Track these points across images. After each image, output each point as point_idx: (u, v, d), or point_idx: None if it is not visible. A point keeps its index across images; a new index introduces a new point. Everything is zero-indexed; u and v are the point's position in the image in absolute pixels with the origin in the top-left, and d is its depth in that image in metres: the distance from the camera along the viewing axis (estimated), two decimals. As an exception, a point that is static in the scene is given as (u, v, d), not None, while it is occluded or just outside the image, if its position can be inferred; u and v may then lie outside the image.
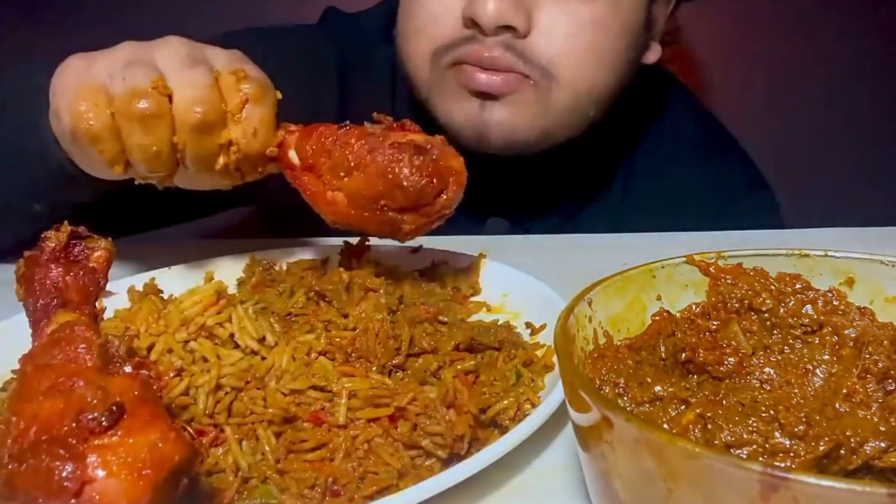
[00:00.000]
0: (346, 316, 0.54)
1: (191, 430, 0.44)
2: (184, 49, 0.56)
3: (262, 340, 0.50)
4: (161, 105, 0.52)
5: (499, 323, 0.57)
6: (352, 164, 0.53)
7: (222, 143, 0.55)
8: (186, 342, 0.50)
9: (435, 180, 0.52)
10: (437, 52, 0.81)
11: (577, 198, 0.98)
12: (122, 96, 0.52)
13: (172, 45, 0.56)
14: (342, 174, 0.54)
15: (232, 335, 0.50)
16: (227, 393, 0.46)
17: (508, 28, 0.77)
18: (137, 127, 0.52)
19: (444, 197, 0.53)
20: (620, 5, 0.81)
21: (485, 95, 0.81)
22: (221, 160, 0.56)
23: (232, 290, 0.63)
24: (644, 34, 0.86)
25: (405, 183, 0.52)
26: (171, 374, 0.46)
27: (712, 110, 1.10)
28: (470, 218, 0.98)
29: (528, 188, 0.95)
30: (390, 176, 0.52)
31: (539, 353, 0.53)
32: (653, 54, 0.92)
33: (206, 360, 0.48)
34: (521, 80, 0.80)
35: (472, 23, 0.77)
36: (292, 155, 0.57)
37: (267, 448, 0.43)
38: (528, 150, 0.85)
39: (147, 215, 0.87)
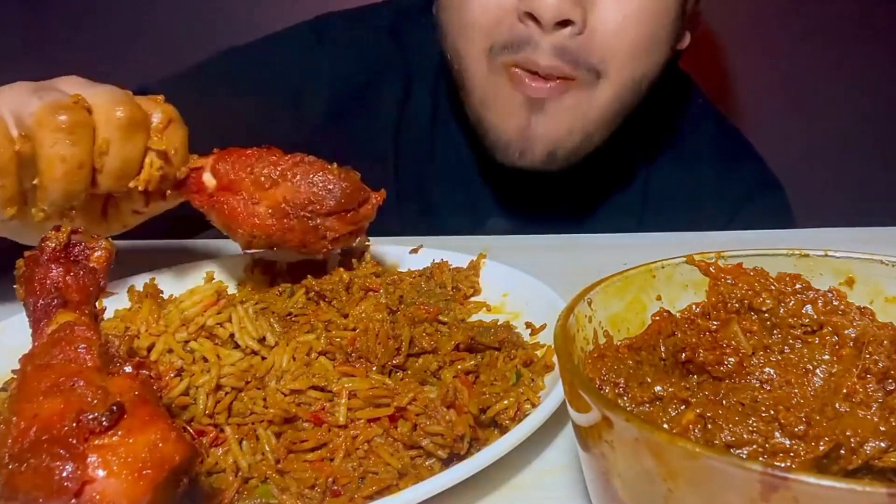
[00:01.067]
0: (346, 316, 0.54)
1: (191, 430, 0.44)
2: (84, 79, 0.56)
3: (262, 340, 0.50)
4: (84, 114, 0.52)
5: (499, 323, 0.57)
6: (277, 175, 0.55)
7: (142, 159, 0.56)
8: (186, 342, 0.50)
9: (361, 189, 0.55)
10: (493, 49, 0.79)
11: (593, 200, 0.98)
12: (42, 111, 0.51)
13: (73, 77, 0.57)
14: (267, 186, 0.56)
15: (232, 335, 0.50)
16: (227, 393, 0.46)
17: (566, 23, 0.75)
18: (62, 138, 0.51)
19: (368, 205, 0.56)
20: None
21: (533, 103, 0.80)
22: (143, 175, 0.56)
23: (232, 290, 0.63)
24: (680, 21, 0.86)
25: (333, 187, 0.54)
26: (172, 374, 0.46)
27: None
28: (470, 218, 0.98)
29: (539, 190, 0.95)
30: (320, 181, 0.55)
31: (539, 353, 0.53)
32: (685, 41, 0.92)
33: (206, 360, 0.48)
34: (568, 84, 0.79)
35: (529, 17, 0.76)
36: (207, 178, 0.58)
37: (267, 448, 0.43)
38: (568, 162, 0.85)
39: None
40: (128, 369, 0.35)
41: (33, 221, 0.54)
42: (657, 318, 0.40)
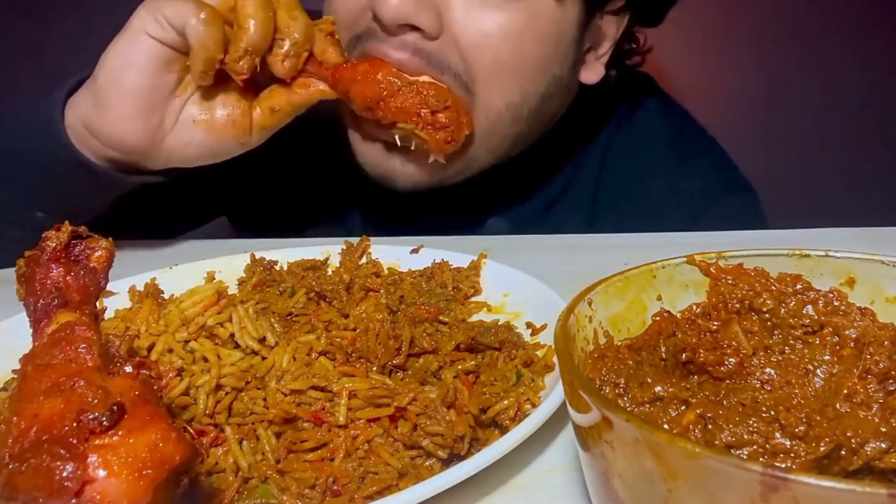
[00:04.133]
0: (346, 316, 0.54)
1: (191, 430, 0.44)
2: None
3: (262, 340, 0.50)
4: None
5: (499, 323, 0.57)
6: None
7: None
8: (187, 342, 0.50)
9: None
10: (349, 44, 0.77)
11: (546, 197, 0.97)
12: None
13: None
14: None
15: (232, 335, 0.50)
16: (227, 393, 0.46)
17: (414, 28, 0.73)
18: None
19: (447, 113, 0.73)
20: (539, 15, 0.75)
21: (389, 145, 0.77)
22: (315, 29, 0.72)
23: (232, 290, 0.63)
24: (575, 50, 0.81)
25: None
26: (172, 374, 0.46)
27: (709, 112, 1.09)
28: (470, 218, 0.98)
29: (515, 189, 0.94)
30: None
31: (539, 353, 0.53)
32: (592, 74, 0.87)
33: (206, 359, 0.48)
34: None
35: (375, 16, 0.73)
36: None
37: (267, 448, 0.43)
38: (454, 180, 0.82)
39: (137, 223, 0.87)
40: (128, 369, 0.35)
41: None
42: (658, 318, 0.40)
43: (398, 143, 0.76)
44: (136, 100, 0.69)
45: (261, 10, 0.67)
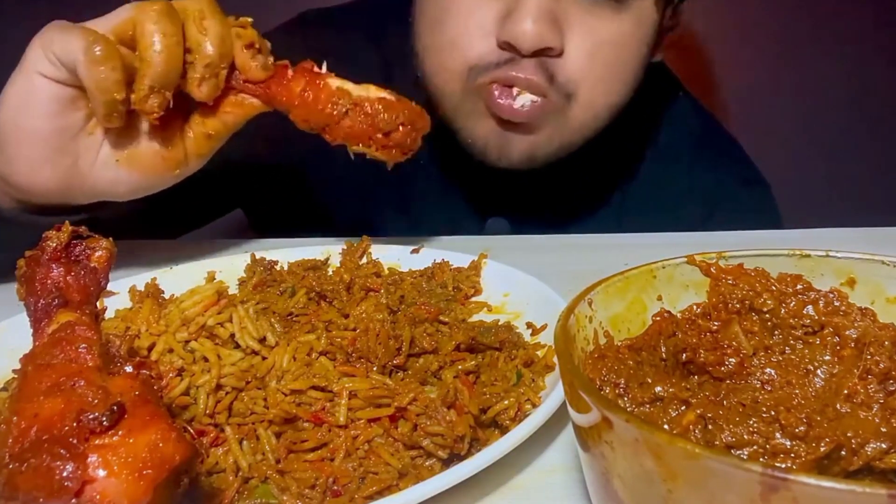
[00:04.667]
0: (346, 316, 0.54)
1: (191, 430, 0.44)
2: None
3: (262, 340, 0.50)
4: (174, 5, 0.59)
5: (500, 323, 0.57)
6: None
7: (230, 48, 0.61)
8: (187, 342, 0.50)
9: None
10: (472, 71, 0.79)
11: (577, 199, 0.98)
12: (137, 4, 0.58)
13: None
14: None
15: (232, 335, 0.50)
16: (227, 393, 0.46)
17: (545, 50, 0.75)
18: (161, 17, 0.57)
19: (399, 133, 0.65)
20: (644, 18, 0.80)
21: (507, 123, 0.80)
22: (238, 60, 0.62)
23: (233, 290, 0.63)
24: (652, 42, 0.86)
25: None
26: (172, 374, 0.46)
27: (712, 108, 1.09)
28: (470, 218, 0.98)
29: (527, 189, 0.94)
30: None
31: (540, 353, 0.53)
32: (659, 54, 0.91)
33: (206, 359, 0.48)
34: (542, 105, 0.79)
35: (508, 45, 0.75)
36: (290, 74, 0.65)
37: (267, 448, 0.43)
38: (548, 162, 0.85)
39: (141, 226, 0.86)
40: (128, 369, 0.35)
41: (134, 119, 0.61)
42: (658, 318, 0.40)
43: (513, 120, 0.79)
44: (39, 144, 0.61)
45: (164, 36, 0.57)
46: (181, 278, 0.65)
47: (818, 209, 1.05)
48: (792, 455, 0.31)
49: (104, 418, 0.30)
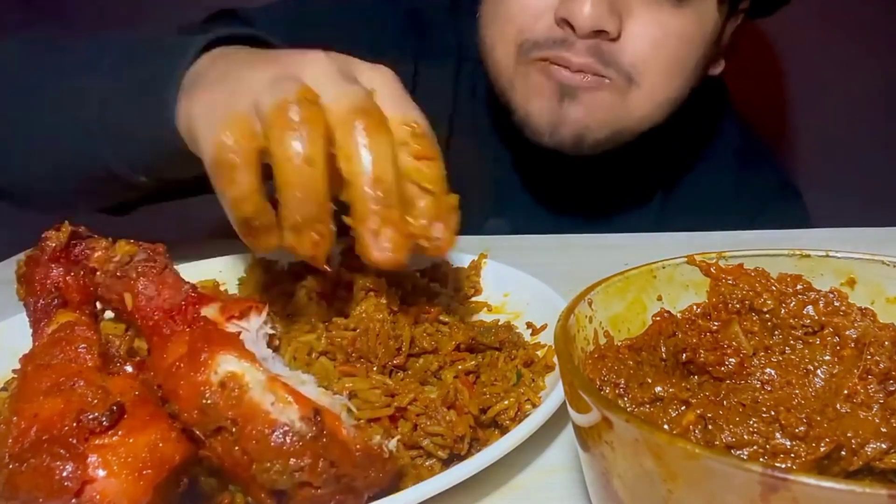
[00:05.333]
0: (346, 316, 0.54)
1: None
2: (333, 66, 0.47)
3: (262, 340, 0.50)
4: (315, 109, 0.43)
5: (500, 323, 0.57)
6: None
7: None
8: (187, 342, 0.49)
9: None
10: (524, 45, 0.80)
11: (614, 200, 0.99)
12: (272, 110, 0.43)
13: (321, 61, 0.47)
14: None
15: (232, 335, 0.50)
16: (227, 393, 0.46)
17: (600, 32, 0.76)
18: (291, 134, 0.43)
19: None
20: (705, 18, 0.81)
21: (564, 90, 0.81)
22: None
23: (232, 290, 0.63)
24: (715, 47, 0.87)
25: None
26: (172, 374, 0.46)
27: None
28: (470, 218, 0.98)
29: (558, 180, 0.95)
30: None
31: (540, 353, 0.53)
32: (718, 67, 0.93)
33: (206, 359, 0.48)
34: (602, 81, 0.80)
35: (565, 23, 0.77)
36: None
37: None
38: (595, 150, 0.86)
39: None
40: (128, 369, 0.35)
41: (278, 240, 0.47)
42: (658, 318, 0.40)
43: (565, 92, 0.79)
44: None
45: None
46: (181, 278, 0.65)
47: (819, 209, 1.05)
48: (792, 455, 0.31)
49: (104, 418, 0.30)
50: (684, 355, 0.37)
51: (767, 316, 0.39)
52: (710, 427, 0.32)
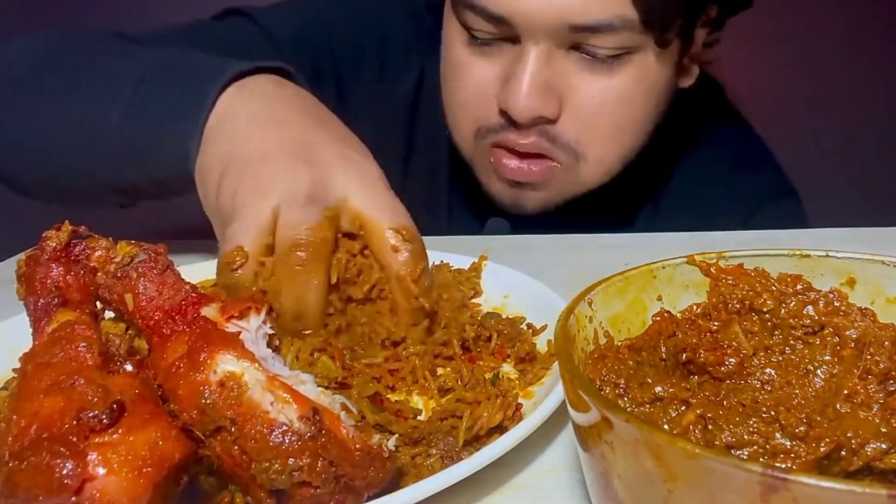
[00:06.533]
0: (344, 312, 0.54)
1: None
2: (301, 183, 0.51)
3: (262, 340, 0.50)
4: (324, 247, 0.49)
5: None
6: None
7: None
8: (187, 341, 0.49)
9: None
10: (480, 130, 0.83)
11: (606, 208, 0.98)
12: (280, 250, 0.49)
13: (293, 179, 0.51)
14: None
15: (233, 334, 0.50)
16: (227, 392, 0.46)
17: (540, 118, 0.78)
18: (295, 275, 0.49)
19: None
20: (645, 71, 0.79)
21: (517, 183, 0.83)
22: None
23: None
24: (674, 80, 0.85)
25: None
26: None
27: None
28: (470, 218, 0.98)
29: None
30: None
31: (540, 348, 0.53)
32: (689, 78, 0.90)
33: (206, 359, 0.48)
34: (551, 167, 0.81)
35: (505, 113, 0.78)
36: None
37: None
38: (562, 205, 0.88)
39: None
40: (128, 368, 0.35)
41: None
42: (658, 318, 0.40)
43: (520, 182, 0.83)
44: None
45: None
46: (181, 278, 0.65)
47: (819, 209, 1.05)
48: (792, 455, 0.31)
49: (104, 416, 0.30)
50: (684, 355, 0.37)
51: (767, 316, 0.39)
52: (710, 427, 0.32)
